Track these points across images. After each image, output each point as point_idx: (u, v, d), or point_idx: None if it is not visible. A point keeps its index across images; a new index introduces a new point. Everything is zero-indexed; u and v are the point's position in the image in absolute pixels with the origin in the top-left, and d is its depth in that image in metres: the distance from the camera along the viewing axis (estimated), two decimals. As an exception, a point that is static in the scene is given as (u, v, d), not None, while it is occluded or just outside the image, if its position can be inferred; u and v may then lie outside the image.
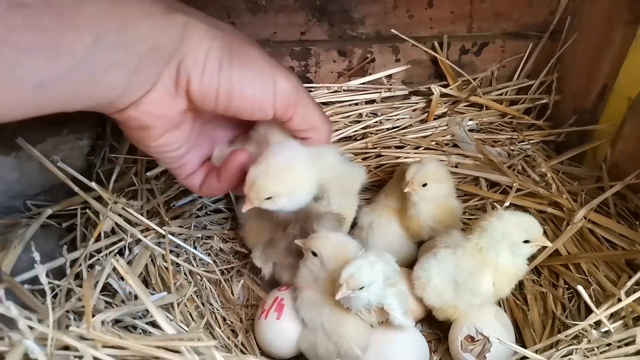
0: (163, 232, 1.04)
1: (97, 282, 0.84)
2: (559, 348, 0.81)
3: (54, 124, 1.02)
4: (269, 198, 0.81)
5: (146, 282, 1.00)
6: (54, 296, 0.86)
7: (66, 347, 0.70)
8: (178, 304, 0.95)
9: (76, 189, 0.98)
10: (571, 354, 0.75)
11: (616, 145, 1.10)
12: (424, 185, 0.99)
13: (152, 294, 0.94)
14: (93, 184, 0.96)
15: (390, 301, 0.84)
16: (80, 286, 0.87)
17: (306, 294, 0.93)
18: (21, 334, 0.65)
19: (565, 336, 0.80)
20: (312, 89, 1.29)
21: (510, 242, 0.88)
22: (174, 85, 0.65)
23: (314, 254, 0.91)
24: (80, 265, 0.91)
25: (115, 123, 1.21)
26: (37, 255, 0.75)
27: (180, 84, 0.65)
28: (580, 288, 0.83)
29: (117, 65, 0.58)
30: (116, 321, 0.84)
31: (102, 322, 0.75)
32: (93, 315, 0.73)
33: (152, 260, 1.02)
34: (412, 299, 1.01)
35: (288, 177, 0.81)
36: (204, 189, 0.86)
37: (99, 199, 1.01)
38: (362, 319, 0.88)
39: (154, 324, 0.84)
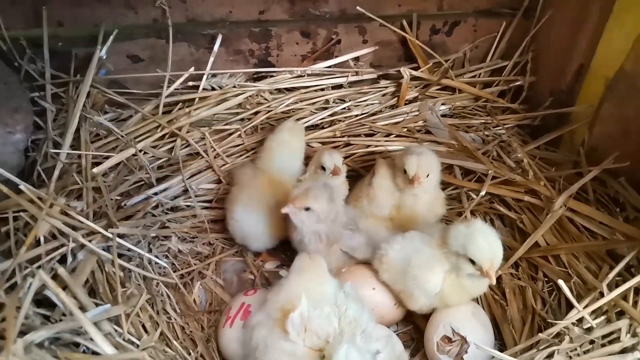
0: (110, 235, 0.94)
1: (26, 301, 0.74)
2: (540, 348, 0.75)
3: (-21, 117, 0.91)
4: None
5: (93, 291, 0.90)
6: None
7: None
8: (127, 316, 0.86)
9: (5, 190, 0.87)
10: (552, 356, 0.69)
11: (594, 127, 1.05)
12: (427, 176, 0.98)
13: (99, 305, 0.84)
14: (22, 186, 0.85)
15: None
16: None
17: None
18: None
19: (547, 335, 0.74)
20: (274, 74, 1.20)
21: (456, 252, 0.83)
22: None
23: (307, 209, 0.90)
24: (15, 276, 0.81)
25: (57, 115, 1.13)
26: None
27: None
28: (561, 283, 0.77)
29: None
30: (55, 339, 0.75)
31: (32, 344, 0.67)
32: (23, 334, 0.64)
33: (99, 266, 0.92)
34: (390, 305, 0.96)
35: None
36: None
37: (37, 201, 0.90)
38: None
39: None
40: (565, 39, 1.10)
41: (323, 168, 1.03)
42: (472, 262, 0.81)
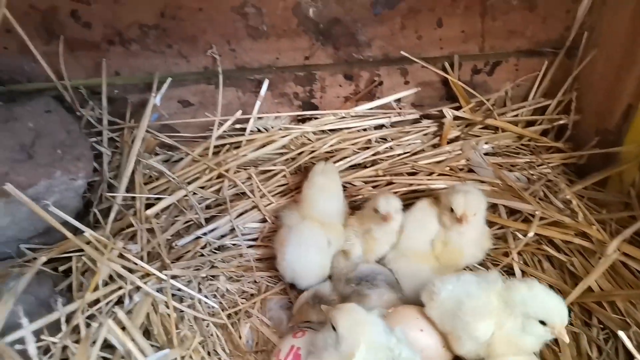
0: (164, 277, 0.97)
1: (94, 340, 0.77)
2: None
3: (46, 166, 0.96)
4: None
5: (148, 332, 0.93)
6: (48, 353, 0.80)
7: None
8: (182, 358, 0.88)
9: (69, 235, 0.91)
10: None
11: (645, 168, 1.03)
12: (475, 214, 1.00)
13: (154, 347, 0.87)
14: (88, 232, 0.89)
15: None
16: (77, 342, 0.81)
17: None
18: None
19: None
20: (318, 116, 1.23)
21: (525, 314, 0.82)
22: None
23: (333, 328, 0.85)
24: (77, 319, 0.84)
25: (111, 157, 1.18)
26: (25, 322, 0.69)
27: None
28: (621, 334, 0.76)
29: None
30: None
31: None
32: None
33: (153, 307, 0.95)
34: (438, 347, 0.95)
35: None
36: None
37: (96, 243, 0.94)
38: None
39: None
40: (610, 79, 1.10)
41: (376, 211, 1.04)
42: (542, 322, 0.79)
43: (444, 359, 0.98)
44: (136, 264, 0.95)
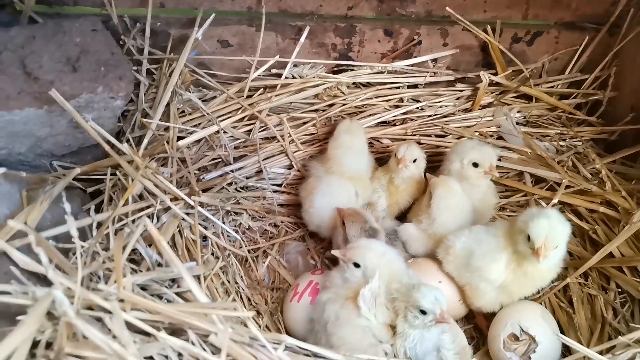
0: (192, 203, 0.99)
1: (125, 245, 0.80)
2: (616, 353, 0.74)
3: (90, 80, 0.98)
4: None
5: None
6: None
7: (90, 308, 0.66)
8: (205, 278, 0.90)
9: (108, 148, 0.94)
10: (635, 358, 0.68)
11: (678, 145, 1.03)
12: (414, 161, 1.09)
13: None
14: (124, 146, 0.91)
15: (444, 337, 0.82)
16: (106, 249, 0.83)
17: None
18: (44, 291, 0.61)
19: (629, 339, 0.73)
20: (354, 68, 1.24)
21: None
22: None
23: (356, 265, 0.87)
24: (107, 227, 0.86)
25: (147, 90, 1.20)
26: (67, 207, 0.71)
27: None
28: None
29: None
30: (142, 288, 0.79)
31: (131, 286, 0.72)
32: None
33: (179, 231, 0.97)
34: (454, 300, 0.97)
35: None
36: None
37: (129, 163, 0.96)
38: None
39: (181, 295, 0.80)
40: (653, 56, 1.10)
41: (395, 156, 1.09)
42: (529, 239, 0.83)
43: (460, 312, 1.00)
44: (167, 186, 0.97)
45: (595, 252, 0.96)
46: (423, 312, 0.77)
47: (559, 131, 1.21)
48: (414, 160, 1.11)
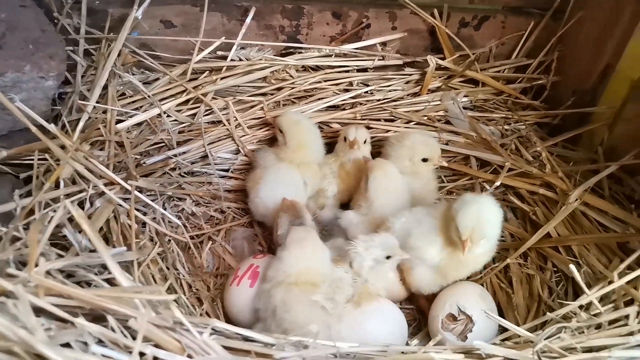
0: (129, 187, 0.95)
1: (44, 229, 0.76)
2: (546, 328, 0.75)
3: (16, 58, 0.93)
4: None
5: (107, 239, 0.92)
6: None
7: (7, 295, 0.63)
8: (140, 264, 0.87)
9: (35, 130, 0.88)
10: (560, 333, 0.69)
11: (615, 127, 1.05)
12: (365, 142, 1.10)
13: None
14: (52, 126, 0.86)
15: None
16: (31, 235, 0.79)
17: None
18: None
19: (555, 315, 0.74)
20: (302, 50, 1.22)
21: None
22: None
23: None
24: (32, 213, 0.82)
25: (86, 71, 1.15)
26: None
27: None
28: (572, 267, 0.78)
29: None
30: (68, 275, 0.76)
31: (49, 273, 0.68)
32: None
33: (115, 216, 0.93)
34: (394, 281, 0.97)
35: None
36: None
37: (62, 147, 0.91)
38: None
39: (111, 282, 0.77)
40: (593, 41, 1.11)
41: (345, 139, 1.09)
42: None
43: (400, 293, 1.00)
44: (102, 170, 0.93)
45: (534, 233, 0.98)
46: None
47: (503, 115, 1.22)
48: (364, 142, 1.12)
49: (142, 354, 0.57)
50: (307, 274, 0.82)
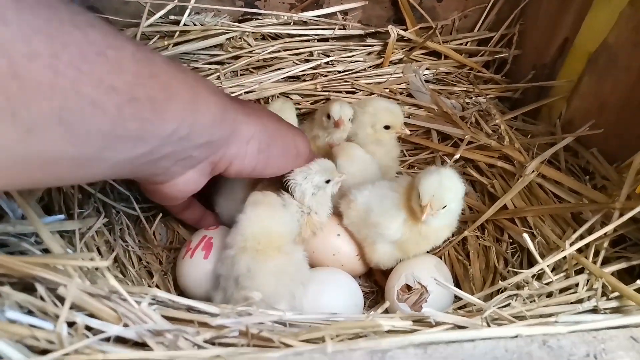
0: (72, 155, 0.90)
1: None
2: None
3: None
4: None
5: (49, 209, 0.86)
6: None
7: None
8: (82, 235, 0.82)
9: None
10: (511, 301, 0.69)
11: (572, 101, 1.05)
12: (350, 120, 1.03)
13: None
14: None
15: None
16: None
17: None
18: None
19: (508, 284, 0.74)
20: (259, 17, 1.17)
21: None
22: (211, 168, 0.73)
23: None
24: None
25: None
26: None
27: (219, 167, 0.73)
28: (525, 236, 0.78)
29: (175, 153, 0.62)
30: (1, 245, 0.71)
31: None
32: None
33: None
34: (352, 256, 0.95)
35: None
36: (202, 223, 1.01)
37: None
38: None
39: (48, 252, 0.72)
40: (553, 14, 1.11)
41: (329, 117, 1.02)
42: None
43: (357, 267, 0.99)
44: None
45: (492, 206, 0.97)
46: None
47: (465, 89, 1.21)
48: (349, 120, 1.04)
49: (71, 324, 0.54)
50: (266, 237, 0.78)
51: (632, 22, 0.91)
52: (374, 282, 1.03)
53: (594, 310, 0.66)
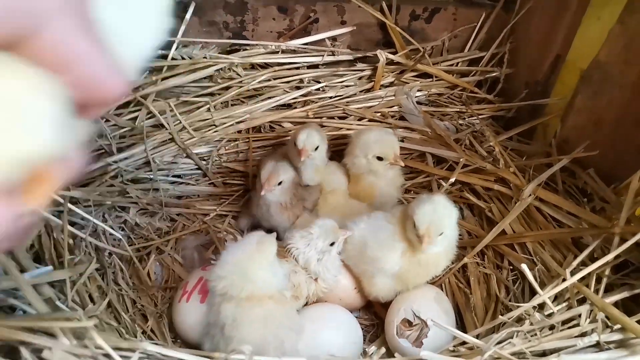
0: (61, 200, 0.89)
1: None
2: (500, 331, 0.73)
3: None
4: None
5: (39, 257, 0.85)
6: None
7: None
8: (73, 283, 0.81)
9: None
10: (512, 337, 0.67)
11: (566, 119, 1.04)
12: (316, 149, 1.00)
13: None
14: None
15: None
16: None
17: None
18: None
19: (508, 318, 0.72)
20: (247, 47, 1.16)
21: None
22: None
23: None
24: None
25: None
26: None
27: None
28: (524, 267, 0.75)
29: None
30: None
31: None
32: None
33: (47, 232, 0.87)
34: (350, 289, 0.94)
35: None
36: None
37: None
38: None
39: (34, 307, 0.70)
40: (544, 32, 1.10)
41: (295, 144, 0.98)
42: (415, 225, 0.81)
43: (356, 301, 0.97)
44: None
45: (491, 231, 0.95)
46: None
47: (458, 109, 1.20)
48: (316, 149, 1.00)
49: (57, 391, 0.52)
50: (244, 287, 0.76)
51: (622, 40, 0.89)
52: (374, 315, 1.01)
53: (597, 345, 0.64)
